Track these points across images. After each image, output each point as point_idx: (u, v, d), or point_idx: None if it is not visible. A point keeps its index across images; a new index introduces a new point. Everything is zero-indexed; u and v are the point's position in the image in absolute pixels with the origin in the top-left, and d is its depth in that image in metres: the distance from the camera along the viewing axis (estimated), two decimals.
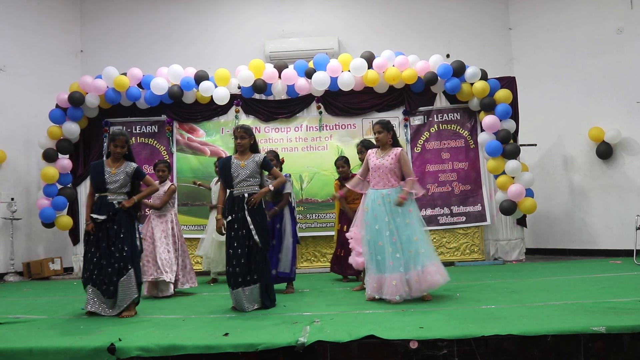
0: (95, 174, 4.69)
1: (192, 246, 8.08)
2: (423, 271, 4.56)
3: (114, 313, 4.51)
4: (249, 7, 9.80)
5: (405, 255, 4.60)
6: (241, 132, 4.79)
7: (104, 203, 4.62)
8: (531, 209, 7.76)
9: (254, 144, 4.86)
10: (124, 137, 4.67)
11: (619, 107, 8.20)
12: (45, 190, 8.07)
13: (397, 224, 4.68)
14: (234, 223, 4.63)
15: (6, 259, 8.33)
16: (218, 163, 5.07)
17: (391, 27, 9.56)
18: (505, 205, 7.75)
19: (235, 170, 4.71)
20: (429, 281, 4.58)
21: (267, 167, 4.79)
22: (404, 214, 4.72)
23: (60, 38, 9.60)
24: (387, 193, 4.78)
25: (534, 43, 9.23)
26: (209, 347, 3.24)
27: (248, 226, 4.57)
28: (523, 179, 7.76)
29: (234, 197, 4.68)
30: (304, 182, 8.13)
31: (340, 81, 7.98)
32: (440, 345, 3.18)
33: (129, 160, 4.75)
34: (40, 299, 5.95)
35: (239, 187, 4.68)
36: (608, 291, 4.77)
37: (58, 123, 8.12)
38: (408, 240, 4.64)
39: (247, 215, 4.58)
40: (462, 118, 8.24)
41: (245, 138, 4.77)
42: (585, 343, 3.18)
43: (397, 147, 4.94)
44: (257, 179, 4.75)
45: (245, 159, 4.75)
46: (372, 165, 4.91)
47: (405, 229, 4.67)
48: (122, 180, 4.64)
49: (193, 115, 8.38)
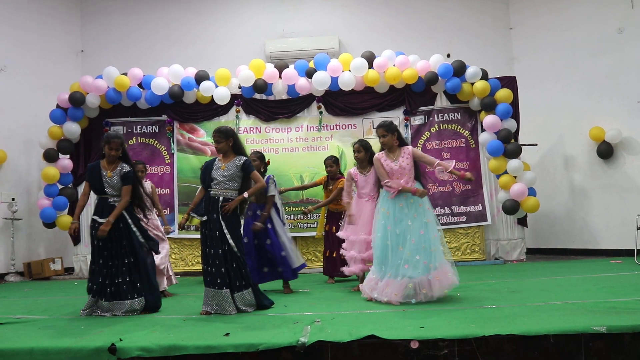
0: (92, 176, 4.74)
1: (192, 246, 8.10)
2: (442, 270, 4.56)
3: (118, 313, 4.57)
4: (250, 7, 9.80)
5: (427, 256, 4.55)
6: (216, 136, 4.70)
7: (106, 206, 4.67)
8: (534, 207, 7.76)
9: (236, 146, 4.72)
10: (118, 140, 4.70)
11: (619, 106, 8.20)
12: (46, 191, 8.07)
13: (420, 224, 4.63)
14: (208, 223, 4.58)
15: (7, 259, 8.33)
16: (203, 164, 5.04)
17: (392, 26, 9.55)
18: (508, 204, 7.74)
19: (215, 172, 4.65)
20: (449, 279, 4.58)
21: (247, 170, 4.66)
22: (425, 212, 4.68)
23: (61, 38, 9.60)
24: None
25: (535, 43, 9.23)
26: (209, 347, 3.24)
27: (222, 229, 4.52)
28: (525, 178, 7.76)
29: (210, 197, 4.63)
30: (304, 182, 8.12)
31: (341, 81, 7.98)
32: (441, 345, 3.18)
33: (124, 161, 4.78)
34: (41, 299, 5.95)
35: (216, 188, 4.62)
36: (609, 291, 4.77)
37: (59, 123, 8.13)
38: (428, 239, 4.60)
39: (220, 219, 4.53)
40: (462, 118, 8.24)
41: (221, 142, 4.65)
42: (586, 343, 3.17)
43: (407, 146, 4.91)
44: (236, 183, 4.64)
45: (227, 162, 4.67)
46: (390, 170, 4.80)
47: (426, 228, 4.63)
48: (118, 183, 4.70)
49: (194, 115, 8.38)
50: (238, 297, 4.50)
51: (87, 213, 8.22)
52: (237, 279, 4.51)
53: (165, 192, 8.20)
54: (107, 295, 4.58)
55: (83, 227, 8.29)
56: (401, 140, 4.92)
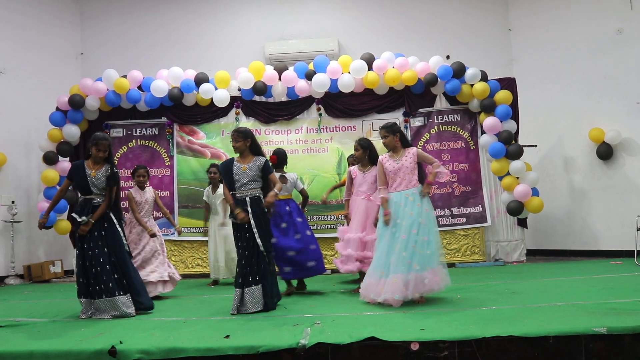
0: (77, 175, 4.75)
1: (192, 248, 8.09)
2: (431, 272, 4.54)
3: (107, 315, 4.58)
4: (249, 9, 9.81)
5: (420, 256, 4.53)
6: (234, 135, 4.82)
7: (88, 205, 4.70)
8: (538, 208, 7.76)
9: (254, 146, 4.84)
10: (107, 142, 4.74)
11: (619, 107, 8.21)
12: (45, 193, 8.07)
13: (418, 224, 4.62)
14: (238, 225, 4.69)
15: (7, 261, 8.32)
16: (220, 166, 5.08)
17: (391, 28, 9.56)
18: (512, 205, 7.75)
19: (237, 173, 4.75)
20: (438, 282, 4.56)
21: (267, 171, 4.79)
22: (422, 213, 4.67)
23: (61, 40, 9.61)
24: (413, 192, 4.74)
25: (534, 44, 9.23)
26: (209, 350, 3.24)
27: (252, 229, 4.62)
28: (528, 178, 7.77)
29: (237, 200, 4.72)
30: (304, 184, 8.11)
31: (340, 83, 7.99)
32: (441, 347, 3.18)
33: (108, 162, 4.81)
34: (40, 302, 5.95)
35: (241, 190, 4.73)
36: (609, 292, 4.77)
37: (58, 126, 8.13)
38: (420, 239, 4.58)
39: (251, 219, 4.63)
40: (462, 119, 8.24)
41: (239, 141, 4.77)
42: (586, 344, 3.18)
43: (411, 147, 4.91)
44: (259, 182, 4.77)
45: (246, 163, 4.77)
46: (391, 169, 4.83)
47: (424, 229, 4.62)
48: (103, 183, 4.74)
49: (193, 117, 8.38)
50: (248, 293, 4.56)
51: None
52: (252, 273, 4.58)
53: (165, 194, 8.19)
54: (98, 292, 4.59)
55: None
56: (404, 142, 4.92)
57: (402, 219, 4.66)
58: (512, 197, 7.76)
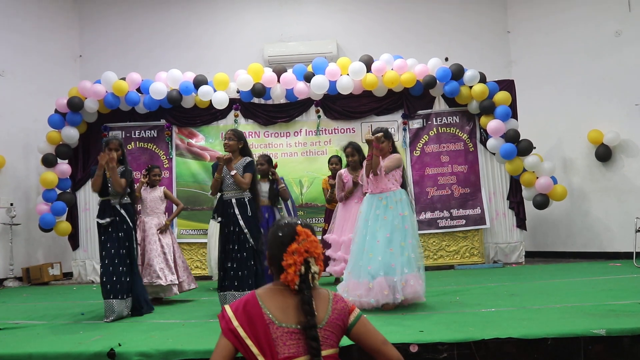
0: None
1: (192, 250, 8.09)
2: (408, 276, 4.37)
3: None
4: (248, 12, 9.81)
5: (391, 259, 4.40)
6: (229, 134, 4.88)
7: (108, 208, 4.74)
8: (563, 195, 7.88)
9: (244, 149, 4.89)
10: (117, 141, 4.85)
11: (617, 109, 8.21)
12: (44, 196, 8.06)
13: (388, 227, 4.51)
14: (226, 226, 4.70)
15: (5, 264, 8.31)
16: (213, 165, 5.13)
17: (390, 30, 9.57)
18: (538, 200, 7.82)
19: (224, 174, 4.77)
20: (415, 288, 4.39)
21: (246, 169, 4.76)
22: (396, 217, 4.55)
23: (59, 43, 9.60)
24: (386, 196, 4.67)
25: (533, 46, 9.24)
26: (209, 352, 3.21)
27: (242, 230, 4.62)
28: (545, 169, 7.83)
29: (224, 201, 4.75)
30: (303, 187, 8.13)
31: (339, 85, 7.99)
32: (440, 349, 3.17)
33: (121, 163, 4.88)
34: (39, 304, 5.94)
35: (227, 191, 4.75)
36: (608, 294, 4.77)
37: (57, 128, 8.12)
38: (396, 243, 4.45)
39: (239, 220, 4.64)
40: (461, 121, 8.25)
41: (233, 140, 4.82)
42: (585, 346, 3.17)
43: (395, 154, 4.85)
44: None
45: (234, 164, 4.78)
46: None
47: (393, 231, 4.50)
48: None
49: (192, 119, 8.38)
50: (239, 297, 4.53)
51: (87, 217, 8.30)
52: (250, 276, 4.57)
53: None
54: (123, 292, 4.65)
55: (82, 233, 8.31)
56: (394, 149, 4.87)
57: (374, 223, 4.57)
58: (535, 191, 7.83)
